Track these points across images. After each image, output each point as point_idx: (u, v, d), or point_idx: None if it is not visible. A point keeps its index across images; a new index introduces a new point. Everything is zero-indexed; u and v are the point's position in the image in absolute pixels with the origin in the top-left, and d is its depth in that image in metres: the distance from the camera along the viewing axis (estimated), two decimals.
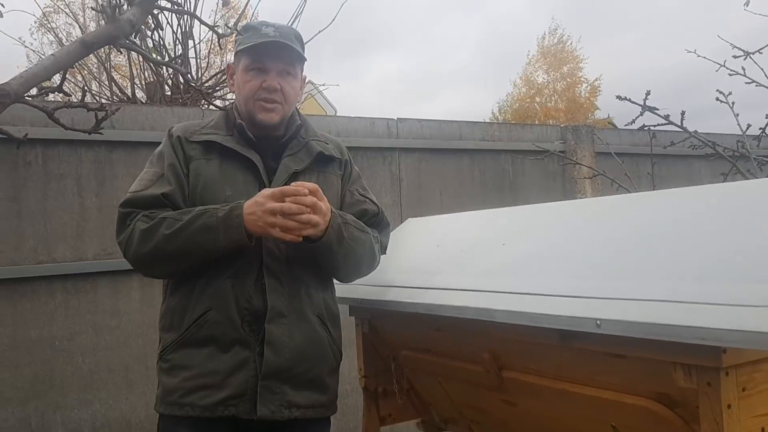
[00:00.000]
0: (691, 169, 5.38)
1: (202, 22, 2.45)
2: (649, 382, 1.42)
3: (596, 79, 24.18)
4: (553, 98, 24.80)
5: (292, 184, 1.76)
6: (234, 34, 1.96)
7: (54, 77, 2.42)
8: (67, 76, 2.64)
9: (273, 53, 1.88)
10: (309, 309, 1.87)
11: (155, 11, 2.29)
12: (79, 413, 3.27)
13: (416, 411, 2.44)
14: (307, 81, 2.18)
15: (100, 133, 2.60)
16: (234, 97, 2.03)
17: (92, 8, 3.38)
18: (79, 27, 7.98)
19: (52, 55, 2.14)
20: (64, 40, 9.21)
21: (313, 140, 2.00)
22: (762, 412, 1.30)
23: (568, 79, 24.46)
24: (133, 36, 2.13)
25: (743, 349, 1.21)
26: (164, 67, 5.10)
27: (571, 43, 24.58)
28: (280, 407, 1.78)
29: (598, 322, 1.34)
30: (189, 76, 5.13)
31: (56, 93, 2.46)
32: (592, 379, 1.56)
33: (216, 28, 2.53)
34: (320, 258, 1.86)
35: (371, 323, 2.34)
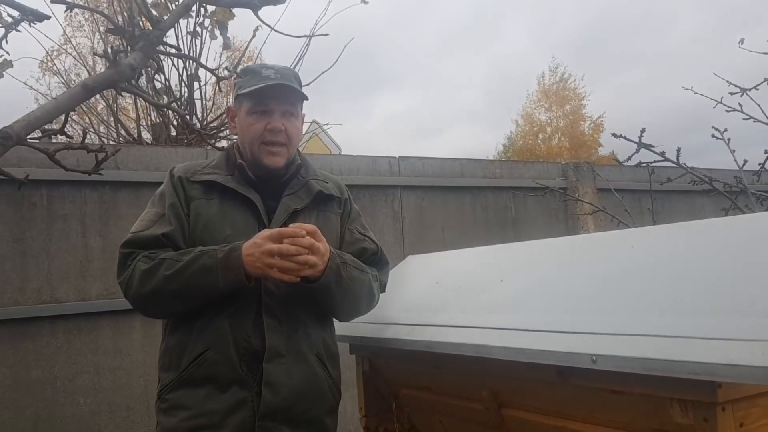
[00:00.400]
0: (694, 204, 5.39)
1: (201, 65, 2.50)
2: (647, 418, 1.41)
3: (599, 117, 24.34)
4: (556, 135, 24.92)
5: (291, 225, 1.77)
6: (233, 77, 1.99)
7: (60, 118, 2.47)
8: (74, 118, 2.70)
9: (275, 95, 1.90)
10: (307, 349, 1.87)
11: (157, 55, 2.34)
12: None
13: None
14: (312, 121, 2.22)
15: (101, 174, 2.64)
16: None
17: (95, 53, 3.46)
18: (87, 70, 8.12)
19: (54, 98, 2.19)
20: (72, 83, 9.37)
21: (313, 179, 2.02)
22: None
23: (570, 117, 24.61)
24: (136, 79, 2.18)
25: (739, 383, 1.20)
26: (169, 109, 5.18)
27: (573, 81, 24.81)
28: None
29: (594, 357, 1.34)
30: (194, 117, 5.23)
31: (59, 135, 2.50)
32: (591, 416, 1.54)
33: (220, 70, 2.59)
34: (319, 298, 1.86)
35: (371, 362, 2.33)
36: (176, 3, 2.28)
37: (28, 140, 2.23)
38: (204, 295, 1.76)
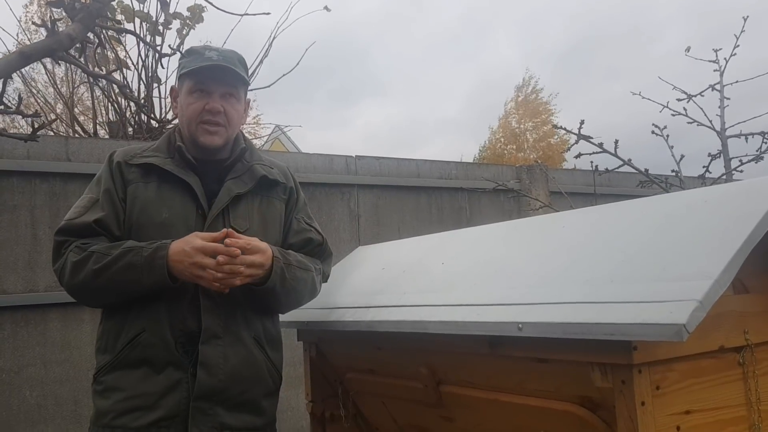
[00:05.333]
0: None
1: (139, 38, 2.51)
2: (572, 386, 1.46)
3: (566, 134, 24.54)
4: (524, 147, 25.15)
5: (226, 241, 1.73)
6: (174, 54, 2.01)
7: None
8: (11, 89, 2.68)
9: (215, 76, 1.90)
10: (245, 331, 1.87)
11: (96, 29, 2.34)
12: None
13: None
14: (274, 126, 2.22)
15: (36, 140, 2.61)
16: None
17: (33, 23, 3.43)
18: (45, 68, 7.99)
19: None
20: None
21: (258, 164, 2.00)
22: (677, 410, 1.35)
23: (543, 129, 24.82)
24: (80, 52, 2.18)
25: (652, 344, 1.27)
26: (127, 106, 5.16)
27: (545, 95, 25.01)
28: (212, 429, 1.77)
29: (520, 325, 1.39)
30: (151, 115, 5.19)
31: None
32: (520, 387, 1.60)
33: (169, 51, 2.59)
34: (262, 298, 1.88)
35: (318, 347, 2.35)
36: None
37: None
38: (130, 291, 1.76)
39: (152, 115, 5.10)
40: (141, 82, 5.34)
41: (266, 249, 1.82)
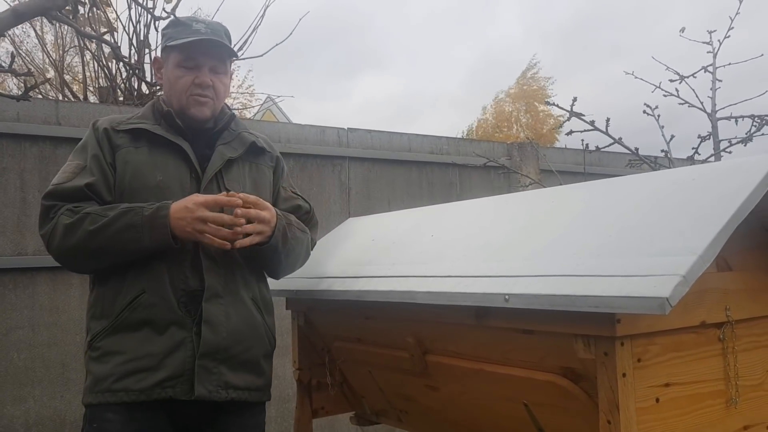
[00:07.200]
0: None
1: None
2: (555, 357, 1.49)
3: (560, 115, 24.54)
4: (515, 126, 25.08)
5: (224, 193, 1.78)
6: (168, 18, 1.99)
7: None
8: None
9: (205, 50, 1.91)
10: (244, 291, 1.91)
11: None
12: (12, 410, 3.22)
13: (349, 404, 2.48)
14: (266, 96, 2.24)
15: (29, 99, 2.59)
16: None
17: None
18: (35, 32, 7.89)
19: None
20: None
21: (245, 132, 2.05)
22: (656, 383, 1.38)
23: (532, 113, 24.73)
24: (74, 13, 2.15)
25: (635, 317, 1.29)
26: (117, 72, 5.12)
27: (545, 81, 24.84)
28: (217, 387, 1.79)
29: (507, 297, 1.41)
30: (143, 82, 5.15)
31: None
32: (505, 358, 1.62)
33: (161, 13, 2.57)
34: (263, 257, 1.91)
35: (306, 316, 2.38)
36: None
37: None
38: (128, 252, 1.76)
39: (144, 79, 5.05)
40: (132, 48, 5.30)
41: (271, 206, 1.86)
